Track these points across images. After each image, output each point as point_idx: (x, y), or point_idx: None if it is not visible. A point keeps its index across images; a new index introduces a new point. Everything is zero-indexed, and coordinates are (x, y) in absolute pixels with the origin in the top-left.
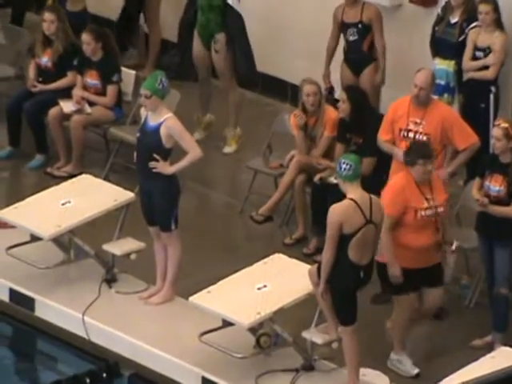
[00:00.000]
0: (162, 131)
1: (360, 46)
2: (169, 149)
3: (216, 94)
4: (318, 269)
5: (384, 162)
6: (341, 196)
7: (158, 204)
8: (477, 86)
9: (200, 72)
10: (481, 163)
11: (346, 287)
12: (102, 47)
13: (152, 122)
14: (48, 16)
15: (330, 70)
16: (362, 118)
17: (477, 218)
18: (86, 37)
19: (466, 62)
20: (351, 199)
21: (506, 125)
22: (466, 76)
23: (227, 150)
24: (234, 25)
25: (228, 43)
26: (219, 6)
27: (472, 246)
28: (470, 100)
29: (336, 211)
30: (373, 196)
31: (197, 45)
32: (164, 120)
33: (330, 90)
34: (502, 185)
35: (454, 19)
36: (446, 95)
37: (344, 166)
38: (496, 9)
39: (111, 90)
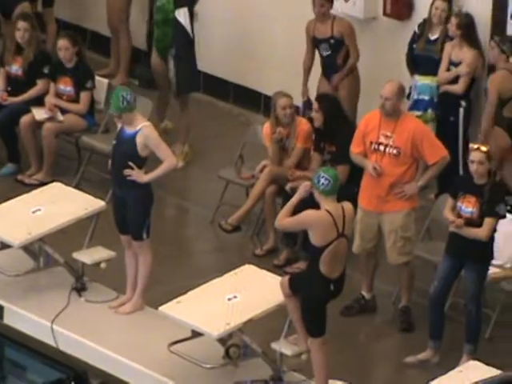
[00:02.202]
0: (138, 139)
1: (334, 61)
2: (144, 157)
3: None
4: (290, 280)
5: (356, 174)
6: (311, 207)
7: (130, 212)
8: (448, 100)
9: (158, 82)
10: (453, 184)
11: (316, 300)
12: (76, 53)
13: (128, 129)
14: (22, 24)
15: (307, 88)
16: (335, 127)
17: (448, 238)
18: (63, 42)
19: (441, 74)
20: (327, 211)
21: (485, 148)
22: (440, 89)
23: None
24: (179, 43)
25: (174, 60)
26: (174, 19)
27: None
28: (442, 114)
29: (312, 217)
30: (344, 204)
31: (154, 57)
32: (140, 128)
33: (308, 103)
34: (474, 206)
35: (434, 36)
36: (429, 110)
37: (323, 180)
38: (467, 24)
39: (85, 96)
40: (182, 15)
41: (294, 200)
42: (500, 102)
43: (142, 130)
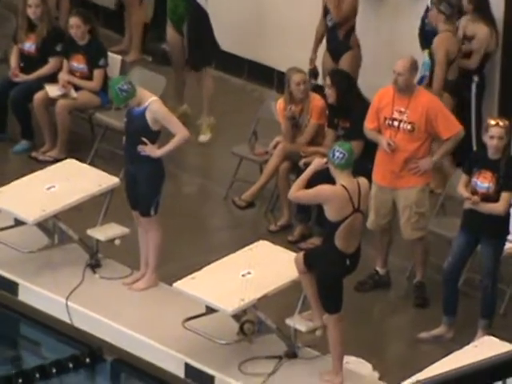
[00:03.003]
0: (148, 115)
1: (336, 34)
2: (156, 131)
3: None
4: (305, 256)
5: (370, 150)
6: (324, 182)
7: (141, 188)
8: (460, 75)
9: (174, 59)
10: (467, 160)
11: (332, 275)
12: (89, 31)
13: (137, 107)
14: (33, 0)
15: (316, 55)
16: (348, 102)
17: (464, 214)
18: (75, 20)
19: None
20: (343, 186)
21: (506, 122)
22: None
23: (202, 138)
24: (193, 17)
25: (188, 35)
26: None
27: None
28: (455, 88)
29: (327, 191)
30: (360, 179)
31: (170, 30)
32: (148, 104)
33: (314, 71)
34: (490, 181)
35: None
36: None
37: (338, 154)
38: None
39: (98, 74)
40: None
41: (308, 172)
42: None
43: (150, 105)
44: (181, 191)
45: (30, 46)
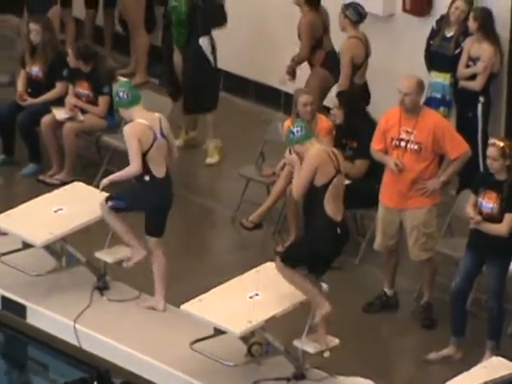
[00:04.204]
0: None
1: None
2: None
3: None
4: (284, 255)
5: (376, 171)
6: (361, 195)
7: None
8: (466, 96)
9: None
10: (474, 180)
11: (325, 241)
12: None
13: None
14: (33, 26)
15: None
16: (356, 123)
17: (470, 234)
18: (70, 52)
19: (460, 70)
20: (323, 149)
21: (502, 144)
22: (459, 84)
23: (209, 160)
24: (196, 65)
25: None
26: (185, 20)
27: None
28: (461, 109)
29: (313, 158)
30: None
31: (176, 56)
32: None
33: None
34: (495, 202)
35: (450, 33)
36: (442, 108)
37: (295, 130)
38: (484, 17)
39: (102, 100)
40: (205, 43)
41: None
42: (351, 68)
43: (126, 126)
44: (188, 213)
45: (37, 71)
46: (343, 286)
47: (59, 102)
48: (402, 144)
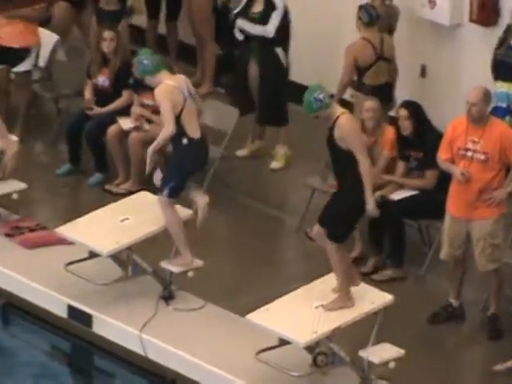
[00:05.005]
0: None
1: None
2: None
3: None
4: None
5: (443, 181)
6: (399, 214)
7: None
8: None
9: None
10: None
11: (359, 204)
12: None
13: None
14: (108, 34)
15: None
16: (422, 133)
17: None
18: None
19: None
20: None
21: None
22: None
23: (274, 165)
24: (272, 74)
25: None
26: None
27: None
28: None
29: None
30: None
31: (253, 67)
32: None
33: None
34: None
35: None
36: (508, 118)
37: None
38: None
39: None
40: (282, 55)
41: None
42: (358, 70)
43: (156, 88)
44: (253, 222)
45: (103, 80)
46: (408, 297)
47: (125, 111)
48: (469, 154)
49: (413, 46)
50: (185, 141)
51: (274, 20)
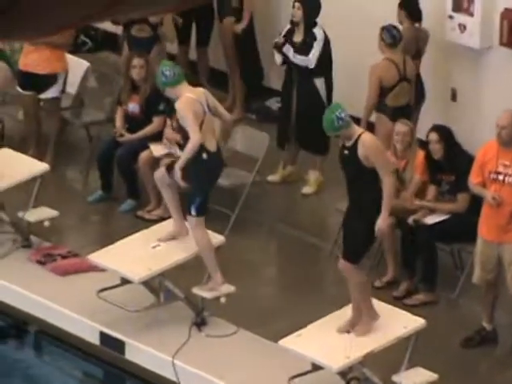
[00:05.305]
0: (177, 109)
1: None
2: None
3: None
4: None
5: (475, 204)
6: (431, 238)
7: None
8: None
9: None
10: None
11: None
12: None
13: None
14: (138, 61)
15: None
16: (453, 156)
17: None
18: None
19: None
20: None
21: None
22: None
23: (306, 190)
24: (310, 104)
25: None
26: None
27: None
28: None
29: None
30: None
31: (293, 97)
32: (179, 98)
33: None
34: None
35: None
36: None
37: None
38: None
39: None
40: (319, 84)
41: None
42: (382, 90)
43: (178, 100)
44: (286, 247)
45: (133, 106)
46: (441, 321)
47: (156, 138)
48: (500, 177)
49: (443, 69)
50: (204, 156)
51: (315, 50)
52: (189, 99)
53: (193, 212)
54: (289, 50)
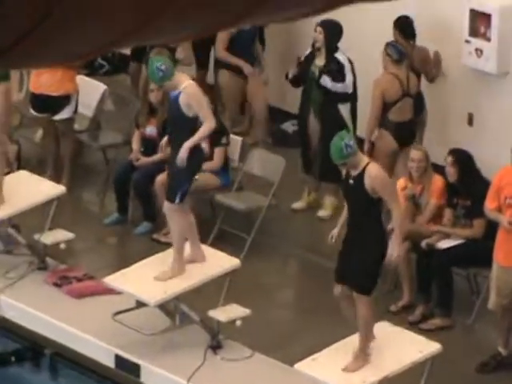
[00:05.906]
0: (181, 100)
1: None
2: (192, 118)
3: None
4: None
5: (491, 230)
6: (446, 262)
7: (174, 172)
8: None
9: (313, 144)
10: None
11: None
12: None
13: (174, 92)
14: (155, 85)
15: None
16: (469, 180)
17: None
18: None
19: None
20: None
21: None
22: None
23: (322, 213)
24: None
25: (321, 142)
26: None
27: None
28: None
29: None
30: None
31: (312, 120)
32: (184, 87)
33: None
34: None
35: None
36: None
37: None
38: None
39: (219, 152)
40: (343, 110)
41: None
42: (385, 105)
43: (184, 89)
44: (300, 270)
45: (151, 130)
46: (456, 346)
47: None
48: None
49: (460, 94)
50: (203, 145)
51: (348, 76)
52: (196, 86)
53: (177, 200)
54: (326, 82)
